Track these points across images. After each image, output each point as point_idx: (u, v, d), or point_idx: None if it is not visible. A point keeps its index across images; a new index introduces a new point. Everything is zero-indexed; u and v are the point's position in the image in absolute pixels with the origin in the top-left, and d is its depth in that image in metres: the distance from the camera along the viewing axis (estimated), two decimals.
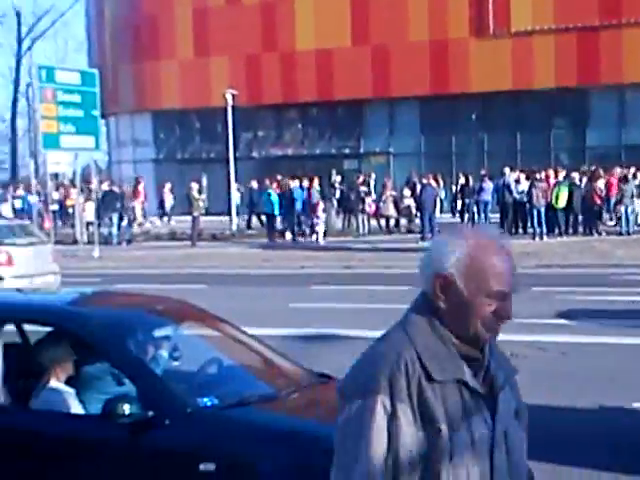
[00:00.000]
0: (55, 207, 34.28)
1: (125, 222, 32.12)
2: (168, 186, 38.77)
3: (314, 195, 29.79)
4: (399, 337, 2.75)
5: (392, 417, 2.64)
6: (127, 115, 47.74)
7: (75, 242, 29.56)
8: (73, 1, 57.12)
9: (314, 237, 29.48)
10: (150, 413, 5.06)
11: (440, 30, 40.88)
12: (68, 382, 5.74)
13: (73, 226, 32.69)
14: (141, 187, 37.53)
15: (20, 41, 56.17)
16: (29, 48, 57.04)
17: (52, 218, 31.56)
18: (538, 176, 28.12)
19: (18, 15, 56.03)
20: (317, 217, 29.39)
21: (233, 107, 34.94)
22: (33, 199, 34.24)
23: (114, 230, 31.22)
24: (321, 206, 29.53)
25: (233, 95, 35.04)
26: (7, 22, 56.55)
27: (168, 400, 5.19)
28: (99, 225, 30.40)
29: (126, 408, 5.02)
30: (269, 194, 31.28)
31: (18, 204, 34.89)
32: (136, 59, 46.13)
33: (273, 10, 43.35)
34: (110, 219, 31.24)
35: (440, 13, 40.87)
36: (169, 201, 38.83)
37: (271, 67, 43.59)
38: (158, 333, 6.08)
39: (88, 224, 31.36)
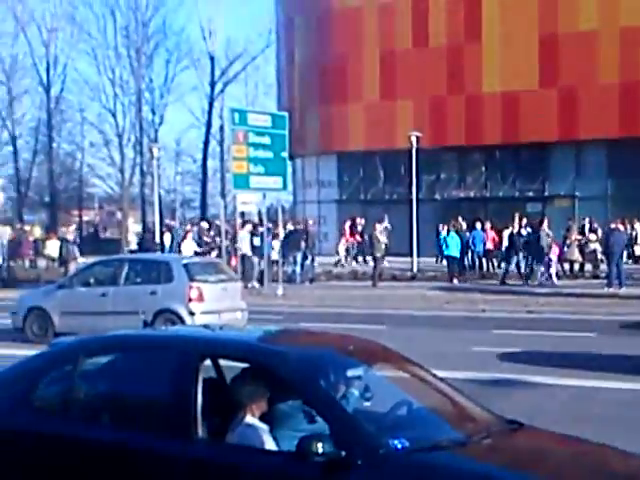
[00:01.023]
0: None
1: (308, 261, 32.66)
2: (380, 226, 37.13)
3: (543, 239, 29.06)
4: None
5: None
6: (313, 156, 48.69)
7: (260, 280, 30.25)
8: (264, 45, 58.70)
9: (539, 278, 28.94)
10: (343, 453, 5.11)
11: (631, 72, 39.88)
12: (262, 418, 5.86)
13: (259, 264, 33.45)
14: (347, 226, 38.28)
15: (213, 84, 58.20)
16: (221, 91, 59.08)
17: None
18: None
19: (212, 59, 58.13)
20: (550, 259, 28.96)
21: (417, 149, 35.10)
22: (207, 238, 35.04)
23: (297, 269, 31.78)
24: (555, 250, 29.08)
25: (417, 137, 35.20)
26: (201, 66, 58.80)
27: (361, 440, 5.22)
28: (283, 264, 31.02)
29: (319, 447, 5.08)
30: (449, 236, 31.19)
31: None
32: (324, 102, 47.07)
33: (460, 53, 43.41)
34: (294, 258, 31.85)
35: (631, 55, 39.89)
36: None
37: (456, 109, 43.59)
38: (350, 372, 6.14)
39: (273, 262, 32.08)
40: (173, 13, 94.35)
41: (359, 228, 36.58)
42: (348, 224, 39.83)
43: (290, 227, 34.49)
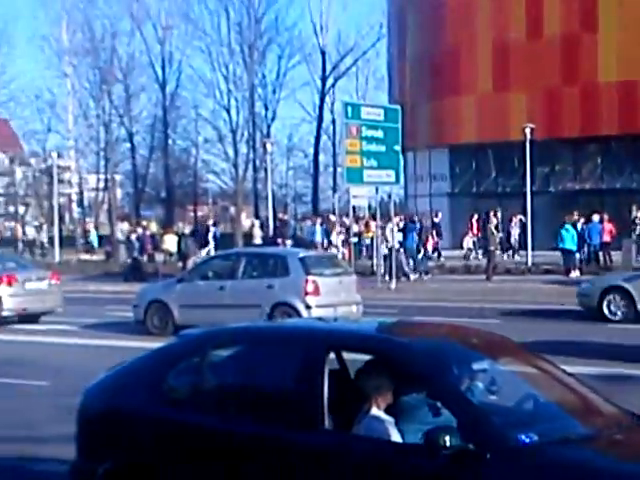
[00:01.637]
0: (354, 240, 35.26)
1: (421, 255, 32.53)
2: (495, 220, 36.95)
3: None
4: None
5: None
6: (425, 150, 48.46)
7: (373, 274, 30.26)
8: (375, 39, 58.68)
9: None
10: (471, 446, 5.10)
11: None
12: (387, 411, 5.88)
13: (371, 258, 33.51)
14: (474, 220, 38.32)
15: (324, 79, 58.44)
16: (332, 86, 59.31)
17: (353, 250, 32.46)
18: None
19: (323, 54, 58.37)
20: None
21: (531, 141, 34.59)
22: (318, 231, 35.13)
23: (411, 263, 31.67)
24: None
25: (531, 129, 34.69)
26: (312, 61, 59.10)
27: (489, 433, 5.19)
28: (398, 257, 30.92)
29: (447, 439, 5.07)
30: (565, 229, 30.63)
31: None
32: (435, 94, 46.80)
33: (575, 42, 42.57)
34: (411, 252, 31.71)
35: None
36: (515, 234, 38.51)
37: (571, 100, 42.77)
38: (475, 365, 6.11)
39: (385, 257, 32.01)
40: (285, 9, 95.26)
41: (494, 221, 35.88)
42: (475, 217, 39.64)
43: (402, 221, 34.38)
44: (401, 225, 32.00)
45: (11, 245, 45.29)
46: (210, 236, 39.00)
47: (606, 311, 19.46)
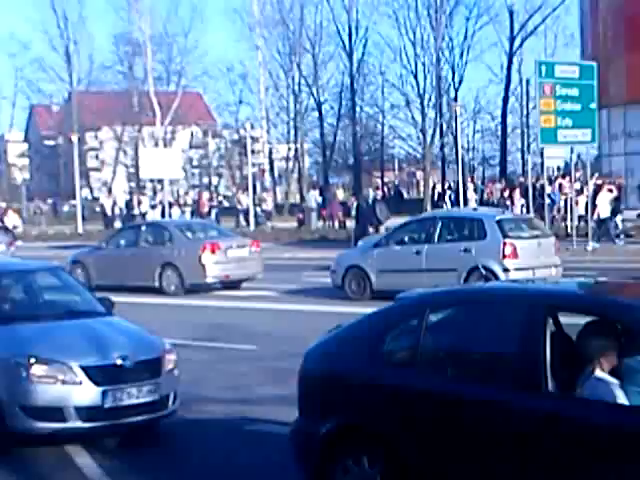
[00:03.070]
0: (547, 201, 34.48)
1: (619, 217, 31.46)
2: None
3: None
4: None
5: None
6: (620, 107, 46.74)
7: (568, 235, 29.55)
8: None
9: None
10: None
11: None
12: (611, 373, 5.77)
13: (564, 219, 32.80)
14: None
15: (512, 39, 57.25)
16: (520, 46, 58.01)
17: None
18: None
19: (511, 14, 57.16)
20: None
21: None
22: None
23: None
24: None
25: None
26: (499, 21, 57.96)
27: None
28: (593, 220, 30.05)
29: None
30: None
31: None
32: (631, 49, 44.96)
33: None
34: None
35: None
36: None
37: None
38: None
39: (580, 218, 31.17)
40: None
41: None
42: None
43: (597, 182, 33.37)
44: (614, 192, 30.69)
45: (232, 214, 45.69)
46: None
47: None
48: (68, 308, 9.83)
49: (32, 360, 8.37)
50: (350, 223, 37.25)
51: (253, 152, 50.68)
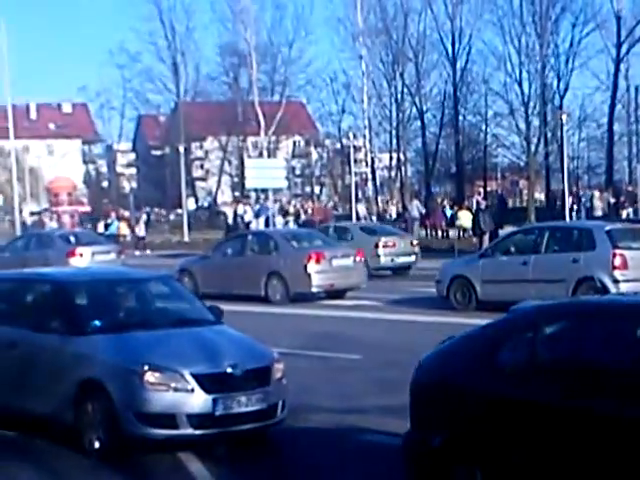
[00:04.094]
0: None
1: None
2: None
3: None
4: None
5: None
6: None
7: None
8: None
9: None
10: None
11: None
12: None
13: None
14: None
15: (619, 46, 56.09)
16: (627, 52, 56.78)
17: None
18: None
19: (618, 20, 56.01)
20: None
21: None
22: None
23: None
24: None
25: None
26: (606, 27, 56.75)
27: None
28: None
29: None
30: None
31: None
32: None
33: None
34: None
35: None
36: None
37: None
38: None
39: None
40: None
41: None
42: None
43: None
44: None
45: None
46: None
47: None
48: (179, 316, 10.01)
49: (146, 367, 8.53)
50: (453, 233, 36.96)
51: (355, 161, 50.73)
